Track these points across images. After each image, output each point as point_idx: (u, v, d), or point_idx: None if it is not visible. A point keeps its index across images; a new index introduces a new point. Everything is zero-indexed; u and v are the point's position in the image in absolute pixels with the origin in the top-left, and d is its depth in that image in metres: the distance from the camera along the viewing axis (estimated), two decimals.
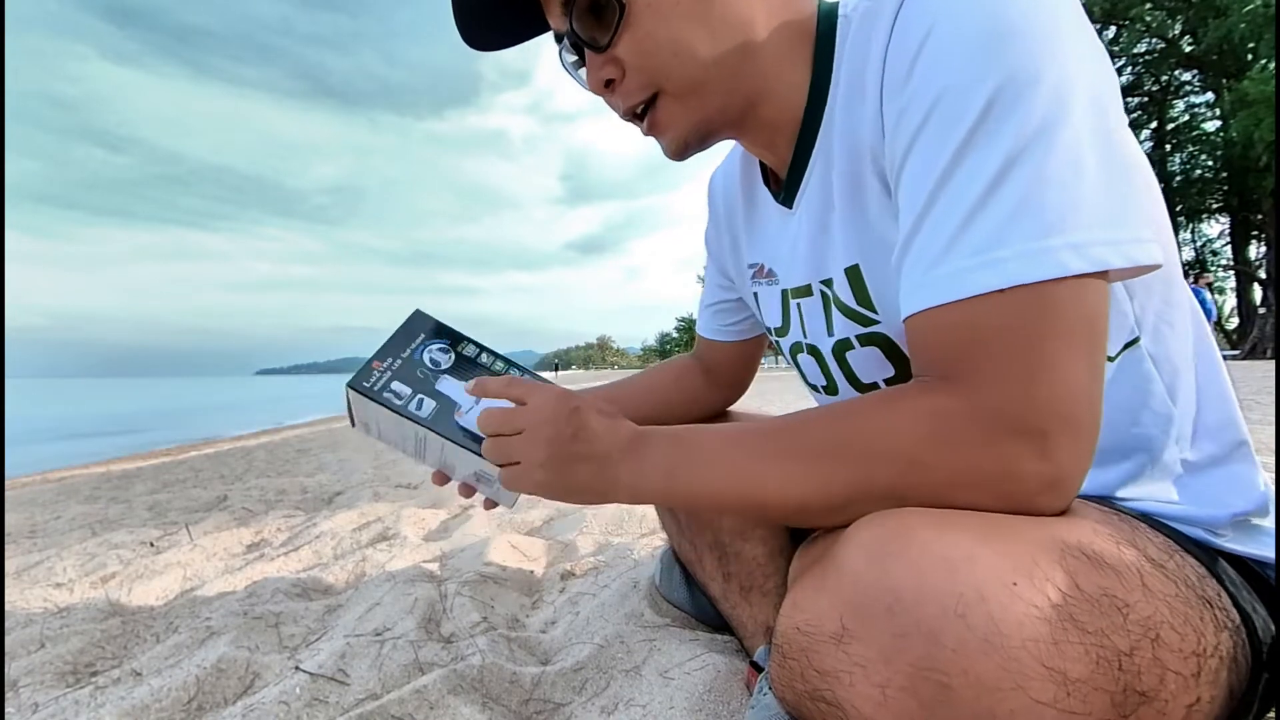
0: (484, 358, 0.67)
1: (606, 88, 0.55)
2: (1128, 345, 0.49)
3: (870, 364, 0.57)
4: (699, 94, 0.53)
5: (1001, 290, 0.38)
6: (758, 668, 0.72)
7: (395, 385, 0.62)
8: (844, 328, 0.57)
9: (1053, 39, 0.39)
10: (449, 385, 0.64)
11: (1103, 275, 0.39)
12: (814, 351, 0.64)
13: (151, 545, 1.76)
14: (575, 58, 0.58)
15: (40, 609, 1.21)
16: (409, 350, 0.65)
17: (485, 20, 0.59)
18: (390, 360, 0.64)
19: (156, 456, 5.63)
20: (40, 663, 0.93)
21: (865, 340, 0.56)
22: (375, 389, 0.61)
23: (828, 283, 0.58)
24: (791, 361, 0.70)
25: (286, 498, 2.50)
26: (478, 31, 0.60)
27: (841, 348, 0.59)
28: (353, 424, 0.66)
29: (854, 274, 0.54)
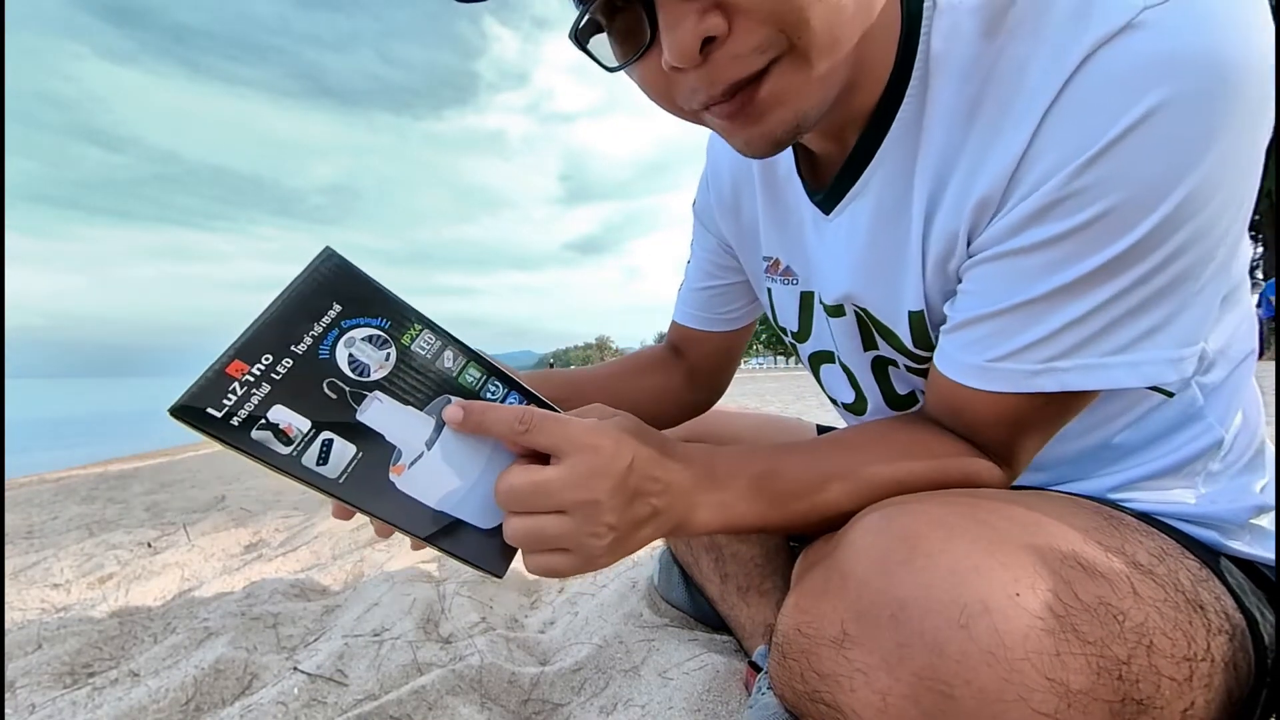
0: (448, 358, 0.41)
1: (701, 50, 0.36)
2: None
3: (914, 383, 0.57)
4: (836, 54, 0.38)
5: (1051, 392, 0.42)
6: (756, 667, 0.72)
7: (276, 413, 0.34)
8: (891, 353, 0.56)
9: (1256, 116, 0.34)
10: (382, 413, 0.38)
11: None
12: (845, 370, 0.62)
13: (149, 546, 1.76)
14: (593, 21, 0.40)
15: (37, 610, 1.21)
16: (309, 339, 0.36)
17: None
18: (269, 359, 0.35)
19: (154, 457, 5.62)
20: (37, 663, 0.92)
21: (915, 371, 0.55)
22: (234, 423, 0.33)
23: (866, 314, 0.54)
24: (809, 368, 0.67)
25: (284, 498, 2.50)
26: None
27: (884, 363, 0.58)
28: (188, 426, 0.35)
29: (917, 320, 0.50)
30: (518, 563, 0.42)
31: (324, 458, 0.36)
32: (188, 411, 0.33)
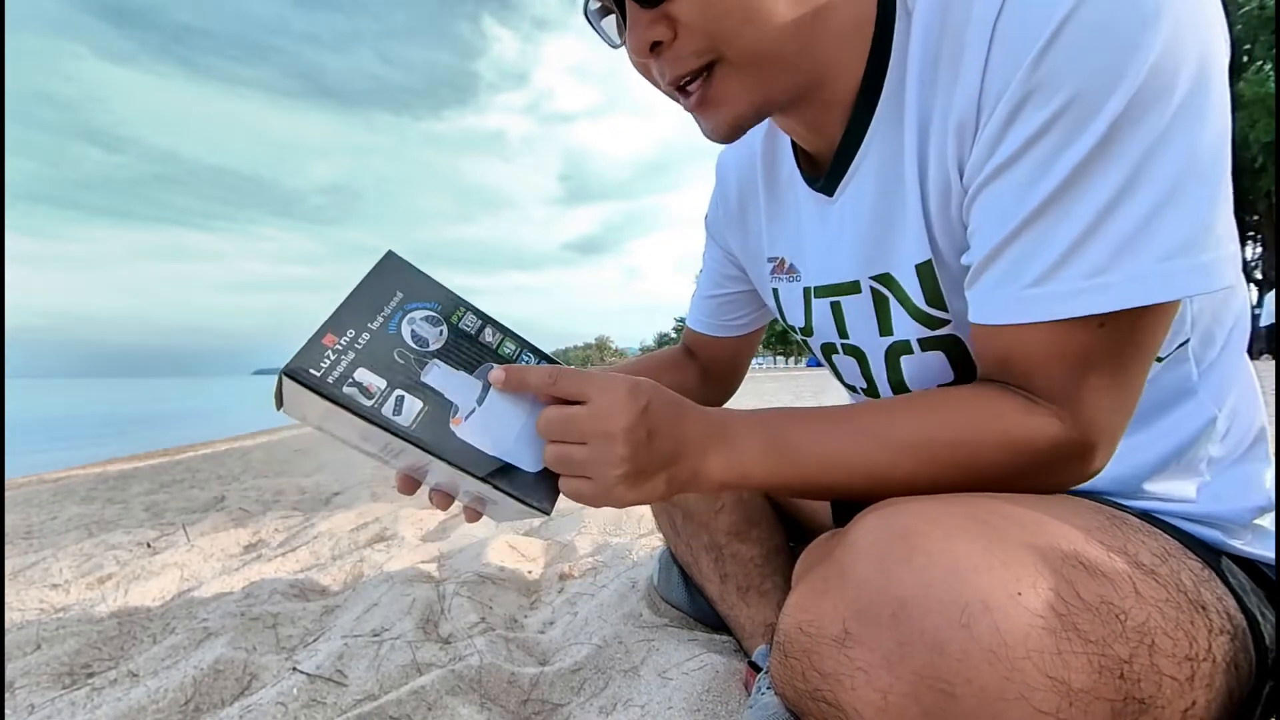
0: (489, 334, 0.51)
1: (652, 51, 0.46)
2: (1179, 346, 0.48)
3: (929, 371, 0.55)
4: (767, 66, 0.46)
5: (1105, 314, 0.38)
6: (756, 667, 0.72)
7: (361, 374, 0.43)
8: (907, 329, 0.54)
9: (1198, 5, 0.36)
10: (441, 375, 0.47)
11: None
12: (855, 353, 0.60)
13: (148, 546, 1.76)
14: (601, 5, 0.50)
15: (37, 610, 1.21)
16: (380, 319, 0.46)
17: None
18: (352, 333, 0.45)
19: (153, 457, 5.61)
20: (36, 664, 0.92)
21: (930, 344, 0.53)
22: (330, 380, 0.42)
23: (883, 279, 0.53)
24: (824, 360, 0.67)
25: (284, 498, 2.50)
26: None
27: (898, 350, 0.56)
28: (278, 406, 0.45)
29: (926, 271, 0.50)
30: (515, 563, 0.42)
31: (398, 409, 0.44)
32: (297, 372, 0.41)
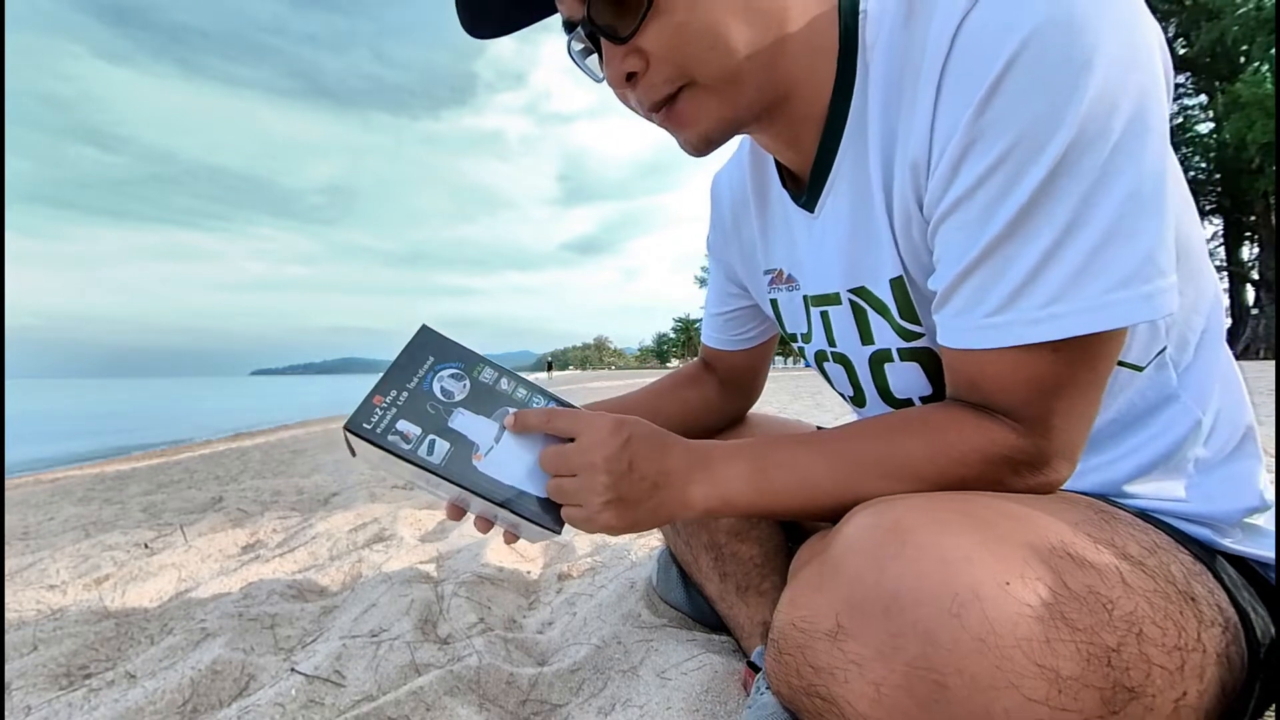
0: (504, 383, 0.60)
1: (628, 81, 0.50)
2: (1157, 354, 0.49)
3: (909, 380, 0.57)
4: (732, 87, 0.50)
5: (1058, 340, 0.41)
6: (754, 667, 0.72)
7: (401, 424, 0.54)
8: (888, 339, 0.56)
9: (1131, 51, 0.38)
10: (465, 421, 0.56)
11: None
12: (842, 360, 0.63)
13: (146, 547, 1.75)
14: (584, 47, 0.54)
15: (34, 611, 1.20)
16: (416, 379, 0.57)
17: (485, 7, 0.56)
18: (394, 393, 0.55)
19: (151, 457, 5.60)
20: (33, 665, 0.92)
21: (907, 355, 0.56)
22: (378, 431, 0.53)
23: (860, 291, 0.56)
24: (816, 367, 0.69)
25: (282, 499, 2.49)
26: (478, 17, 0.57)
27: (880, 359, 0.58)
28: (353, 454, 0.58)
29: (899, 286, 0.52)
30: (514, 564, 0.43)
31: (430, 451, 0.54)
32: (355, 427, 0.53)
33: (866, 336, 0.58)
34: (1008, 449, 0.45)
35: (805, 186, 0.57)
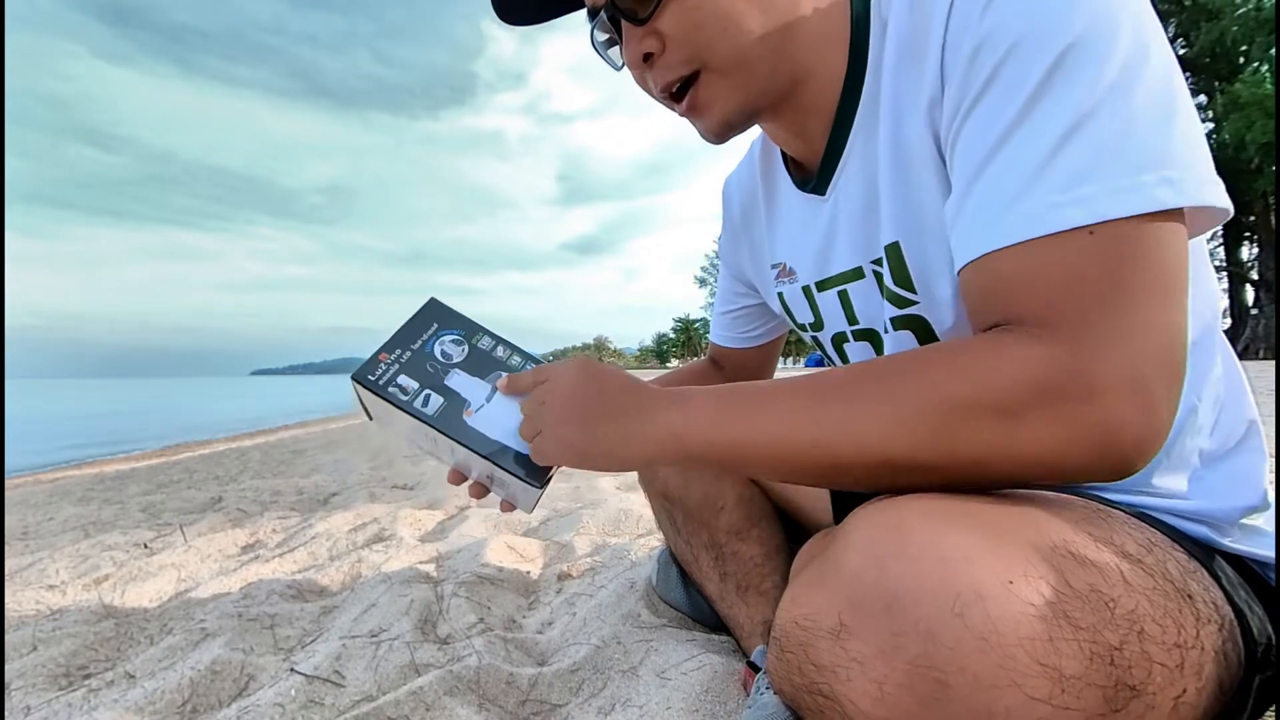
0: (500, 351, 0.64)
1: (645, 62, 0.53)
2: None
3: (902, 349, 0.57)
4: (745, 71, 0.52)
5: (1090, 229, 0.36)
6: (754, 667, 0.72)
7: (402, 379, 0.59)
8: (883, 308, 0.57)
9: None
10: (460, 380, 0.61)
11: (1183, 221, 0.38)
12: (868, 336, 0.62)
13: (145, 547, 1.75)
14: (607, 36, 0.56)
15: (33, 611, 1.20)
16: (419, 341, 0.62)
17: None
18: (399, 352, 0.61)
19: (150, 457, 5.60)
20: (33, 665, 0.92)
21: (900, 323, 0.56)
22: (379, 382, 0.59)
23: (879, 262, 0.56)
24: (837, 356, 0.69)
25: (282, 499, 2.49)
26: (511, 3, 0.61)
27: (907, 322, 0.58)
28: (368, 418, 0.64)
29: (894, 251, 0.53)
30: (514, 564, 0.43)
31: (425, 403, 0.59)
32: (360, 377, 0.59)
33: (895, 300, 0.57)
34: (1032, 364, 0.37)
35: (815, 174, 0.59)
